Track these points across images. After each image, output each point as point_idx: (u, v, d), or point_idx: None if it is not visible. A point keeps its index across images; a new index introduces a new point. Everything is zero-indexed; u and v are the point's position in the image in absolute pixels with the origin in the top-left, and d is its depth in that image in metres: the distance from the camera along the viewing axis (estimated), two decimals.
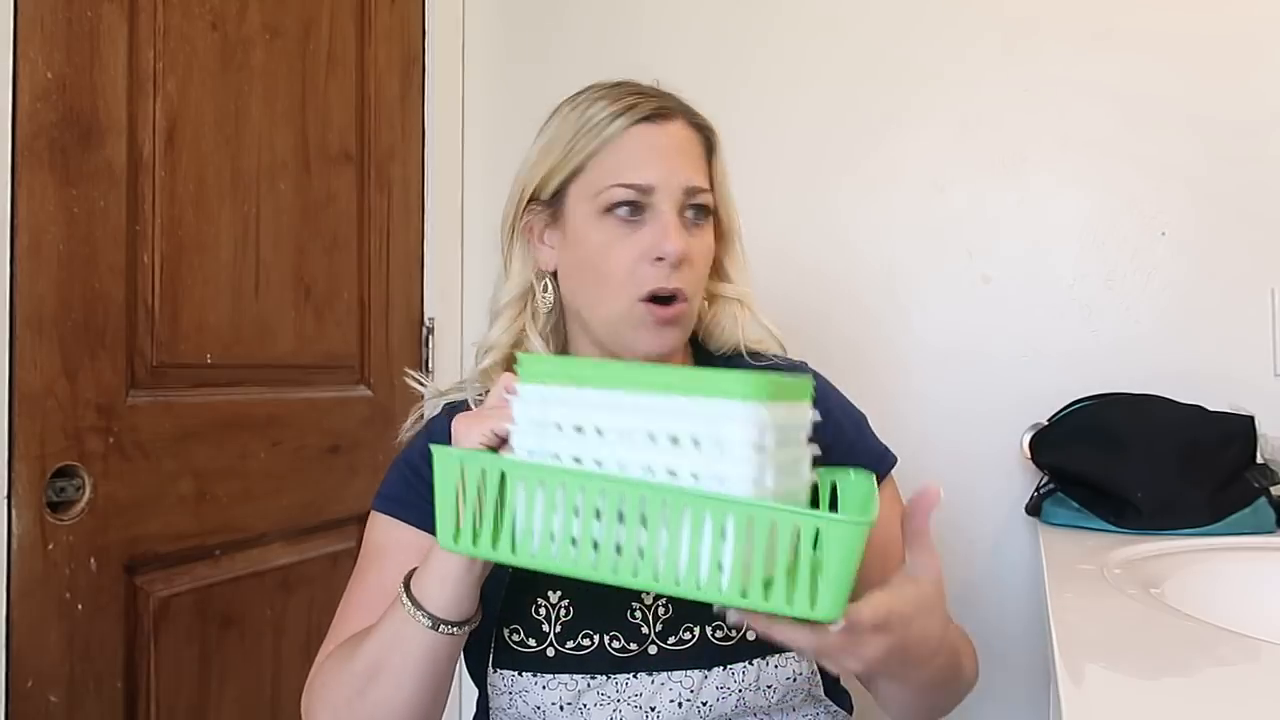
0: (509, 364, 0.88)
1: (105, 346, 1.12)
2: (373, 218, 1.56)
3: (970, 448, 1.46)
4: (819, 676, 0.89)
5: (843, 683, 1.01)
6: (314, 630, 1.40)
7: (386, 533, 0.88)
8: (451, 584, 0.72)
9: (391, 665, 0.75)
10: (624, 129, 0.87)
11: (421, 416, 0.96)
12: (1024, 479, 1.42)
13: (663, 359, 0.88)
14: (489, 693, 0.88)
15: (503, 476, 0.65)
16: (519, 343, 0.92)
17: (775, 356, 0.98)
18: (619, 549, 0.61)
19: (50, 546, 1.05)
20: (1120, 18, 1.40)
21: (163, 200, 1.19)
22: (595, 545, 0.62)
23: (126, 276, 1.14)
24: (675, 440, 0.60)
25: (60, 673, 1.05)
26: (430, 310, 1.67)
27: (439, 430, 0.87)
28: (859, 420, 0.98)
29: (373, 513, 0.90)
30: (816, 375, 0.95)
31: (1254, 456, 1.25)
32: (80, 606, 1.08)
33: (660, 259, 0.84)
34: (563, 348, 0.94)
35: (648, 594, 0.86)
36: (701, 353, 0.98)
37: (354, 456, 1.49)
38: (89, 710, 1.09)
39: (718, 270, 0.96)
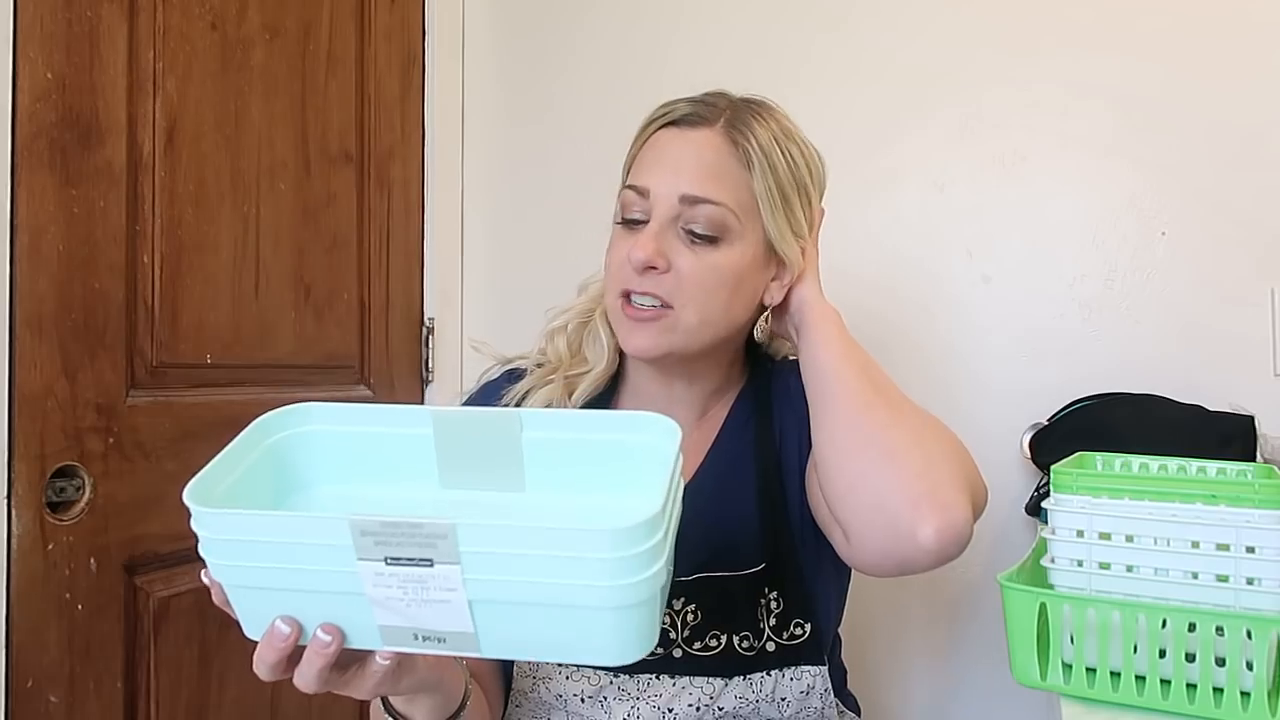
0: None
1: (105, 347, 1.12)
2: (373, 218, 1.56)
3: (970, 447, 1.44)
4: (831, 691, 0.89)
5: (849, 687, 1.00)
6: None
7: None
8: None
9: None
10: (649, 135, 0.87)
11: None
12: (1024, 479, 1.41)
13: (653, 362, 0.87)
14: (514, 674, 0.90)
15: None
16: (586, 320, 0.95)
17: None
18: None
19: (50, 546, 1.05)
20: (1120, 19, 1.40)
21: (162, 200, 1.19)
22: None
23: (126, 276, 1.14)
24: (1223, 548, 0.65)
25: (60, 673, 1.05)
26: (430, 310, 1.67)
27: (493, 391, 0.92)
28: None
29: None
30: None
31: (1254, 456, 1.25)
32: (80, 606, 1.08)
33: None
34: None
35: (677, 599, 0.86)
36: (758, 361, 0.97)
37: None
38: (89, 710, 1.09)
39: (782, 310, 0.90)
